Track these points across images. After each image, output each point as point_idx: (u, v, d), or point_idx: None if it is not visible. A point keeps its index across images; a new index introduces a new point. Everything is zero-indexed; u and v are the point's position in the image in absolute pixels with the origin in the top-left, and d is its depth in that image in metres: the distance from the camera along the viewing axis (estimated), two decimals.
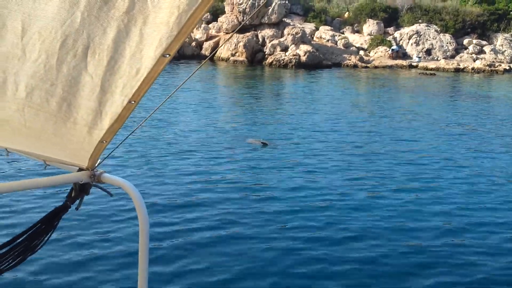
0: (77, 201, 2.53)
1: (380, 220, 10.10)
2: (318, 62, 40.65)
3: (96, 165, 2.44)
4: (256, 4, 41.63)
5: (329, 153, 15.11)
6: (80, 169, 2.46)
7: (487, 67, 42.83)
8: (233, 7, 43.46)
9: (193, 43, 43.06)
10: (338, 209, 10.60)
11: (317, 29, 47.48)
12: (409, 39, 47.03)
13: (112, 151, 2.45)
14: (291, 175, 12.77)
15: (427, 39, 46.98)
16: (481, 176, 13.43)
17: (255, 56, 41.48)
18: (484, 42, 48.05)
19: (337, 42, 45.44)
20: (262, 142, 15.68)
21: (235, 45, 41.33)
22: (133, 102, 1.91)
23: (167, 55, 1.71)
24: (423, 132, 18.73)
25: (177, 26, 1.60)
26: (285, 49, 41.49)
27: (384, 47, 45.19)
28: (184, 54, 40.68)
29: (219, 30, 44.33)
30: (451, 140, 17.60)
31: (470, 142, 17.37)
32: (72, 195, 2.51)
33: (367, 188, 12.02)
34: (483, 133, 19.09)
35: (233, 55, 41.46)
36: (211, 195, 11.09)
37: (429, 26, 48.18)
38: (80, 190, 2.49)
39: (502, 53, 47.06)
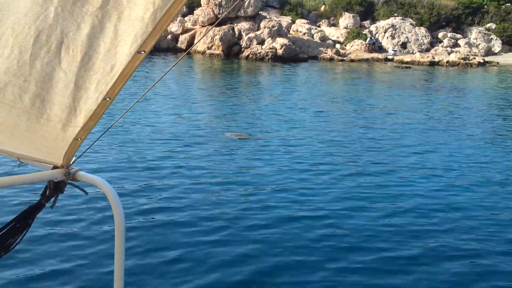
0: (52, 199, 2.50)
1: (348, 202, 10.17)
2: (295, 55, 40.73)
3: (71, 162, 2.41)
4: None
5: (308, 145, 15.15)
6: (55, 167, 2.43)
7: (461, 60, 43.29)
8: (209, 0, 43.32)
9: (169, 36, 42.85)
10: (316, 199, 10.63)
11: (293, 22, 47.57)
12: (384, 32, 47.35)
13: (87, 149, 2.42)
14: (270, 168, 12.77)
15: (402, 32, 47.33)
16: (449, 166, 13.57)
17: (232, 49, 41.43)
18: (458, 36, 48.56)
19: (313, 35, 45.57)
20: (240, 137, 15.65)
21: (211, 38, 41.21)
22: (108, 99, 1.89)
23: (142, 52, 1.69)
24: (396, 123, 18.87)
25: (152, 22, 1.58)
26: (261, 42, 41.49)
27: (360, 41, 45.43)
28: (160, 47, 40.49)
29: (195, 23, 44.18)
30: (424, 131, 17.76)
31: (443, 133, 17.54)
32: (47, 193, 2.48)
33: (346, 175, 12.09)
34: (454, 124, 19.29)
35: (209, 48, 41.35)
36: (189, 191, 11.02)
37: (405, 20, 48.55)
38: (54, 188, 2.46)
39: (476, 46, 47.61)
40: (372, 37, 46.07)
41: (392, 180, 12.33)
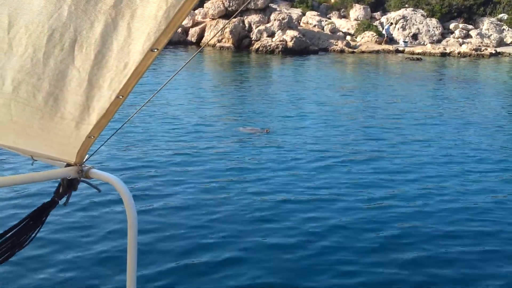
0: (65, 197, 2.50)
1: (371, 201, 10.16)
2: (305, 48, 40.62)
3: (84, 160, 2.41)
4: None
5: (323, 138, 15.14)
6: (68, 165, 2.43)
7: (473, 51, 43.03)
8: None
9: (179, 30, 42.85)
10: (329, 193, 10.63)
11: (303, 14, 47.44)
12: (395, 23, 47.08)
13: (100, 146, 2.42)
14: (286, 162, 12.73)
15: (413, 23, 47.07)
16: (464, 153, 13.52)
17: (242, 42, 41.39)
18: (470, 27, 48.24)
19: (323, 27, 45.44)
20: (252, 131, 15.59)
21: (222, 31, 41.18)
22: (121, 96, 1.89)
23: (155, 50, 1.69)
24: (409, 116, 18.79)
25: (165, 20, 1.58)
26: (271, 34, 41.41)
27: (371, 32, 45.22)
28: (170, 40, 40.17)
29: (205, 16, 44.14)
30: (436, 123, 17.69)
31: (454, 124, 17.46)
32: (60, 190, 2.48)
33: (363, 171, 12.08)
34: (466, 115, 19.20)
35: (219, 41, 41.34)
36: (202, 188, 10.98)
37: (416, 11, 48.28)
38: (67, 185, 2.46)
39: (488, 37, 47.28)
40: (387, 27, 45.87)
41: (410, 169, 12.29)
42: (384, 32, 45.23)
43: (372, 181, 11.62)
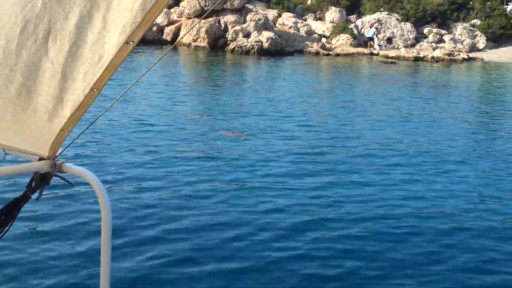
0: (38, 191, 2.48)
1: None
2: (281, 49, 40.69)
3: (57, 154, 2.39)
4: None
5: (296, 140, 15.15)
6: (41, 158, 2.41)
7: (446, 56, 43.49)
8: None
9: (154, 28, 42.59)
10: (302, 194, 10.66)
11: (279, 15, 47.50)
12: (370, 27, 47.41)
13: (74, 140, 2.40)
14: (262, 165, 12.69)
15: (388, 27, 47.46)
16: (432, 158, 13.67)
17: (217, 42, 41.30)
18: (444, 31, 48.81)
19: (299, 29, 45.56)
20: (234, 134, 15.39)
21: (197, 31, 41.06)
22: (95, 89, 1.88)
23: (131, 42, 1.67)
24: (379, 118, 18.96)
25: (141, 13, 1.57)
26: (247, 35, 41.40)
27: (346, 35, 45.47)
28: (145, 39, 40.18)
29: (180, 15, 43.96)
30: (407, 125, 17.88)
31: (426, 128, 17.66)
32: (33, 185, 2.46)
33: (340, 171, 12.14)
34: (435, 118, 19.43)
35: (194, 40, 41.20)
36: (177, 184, 10.96)
37: (391, 15, 48.68)
38: (40, 179, 2.44)
39: (461, 42, 47.88)
40: (375, 30, 46.07)
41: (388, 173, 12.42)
42: (370, 35, 45.45)
43: (350, 181, 11.70)
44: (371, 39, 45.44)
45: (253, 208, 9.87)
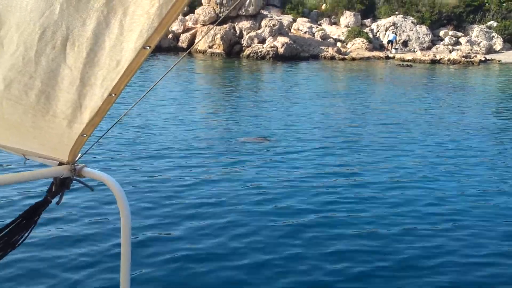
0: (58, 196, 2.50)
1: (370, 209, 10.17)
2: (296, 54, 40.72)
3: (77, 159, 2.41)
4: None
5: (316, 148, 15.10)
6: (61, 163, 2.43)
7: (463, 58, 43.24)
8: None
9: (170, 35, 42.81)
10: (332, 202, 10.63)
11: (294, 21, 47.57)
12: (386, 30, 47.30)
13: (93, 145, 2.42)
14: (283, 171, 12.63)
15: (403, 30, 47.30)
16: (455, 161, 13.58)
17: (233, 48, 41.41)
18: (460, 34, 48.54)
19: (314, 34, 45.56)
20: (256, 140, 15.30)
21: (212, 37, 41.21)
22: (113, 95, 1.89)
23: (148, 47, 1.69)
24: (401, 122, 18.87)
25: (158, 18, 1.59)
26: (262, 41, 41.48)
27: (362, 39, 45.38)
28: (161, 46, 40.42)
29: (195, 22, 44.16)
30: (429, 130, 17.78)
31: (446, 131, 17.55)
32: (53, 189, 2.49)
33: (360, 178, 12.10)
34: (455, 122, 19.30)
35: (210, 47, 41.35)
36: (196, 189, 10.94)
37: (406, 18, 48.52)
38: (60, 184, 2.46)
39: (478, 44, 47.58)
40: (392, 35, 46.03)
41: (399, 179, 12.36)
42: (390, 39, 45.39)
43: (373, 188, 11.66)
44: (391, 42, 45.28)
45: (278, 211, 9.86)
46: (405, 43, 46.54)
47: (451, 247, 8.67)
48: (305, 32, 45.70)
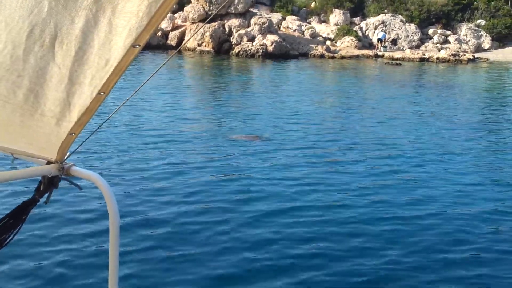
0: (46, 195, 2.49)
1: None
2: (285, 52, 40.73)
3: (65, 158, 2.39)
4: None
5: (307, 146, 15.12)
6: (49, 162, 2.42)
7: (451, 57, 43.42)
8: None
9: (159, 33, 42.68)
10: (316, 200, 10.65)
11: (283, 19, 47.57)
12: (375, 29, 47.43)
13: (81, 144, 2.41)
14: (270, 169, 12.64)
15: (392, 29, 47.42)
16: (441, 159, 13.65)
17: (222, 46, 41.37)
18: (448, 32, 48.76)
19: (303, 32, 45.60)
20: (248, 138, 15.27)
21: (202, 35, 41.14)
22: (102, 93, 1.88)
23: (137, 46, 1.68)
24: (389, 121, 18.93)
25: (147, 16, 1.58)
26: (252, 39, 41.46)
27: (351, 37, 45.47)
28: (150, 44, 40.24)
29: (185, 20, 44.07)
30: (417, 127, 17.85)
31: (436, 129, 17.63)
32: (41, 188, 2.47)
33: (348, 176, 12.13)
34: (443, 119, 19.39)
35: (199, 45, 41.29)
36: (184, 187, 10.93)
37: (395, 16, 48.66)
38: (48, 183, 2.45)
39: (466, 42, 47.81)
40: (382, 33, 46.10)
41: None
42: (378, 37, 45.49)
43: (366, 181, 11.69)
44: (380, 40, 45.38)
45: (273, 209, 9.86)
46: (394, 42, 46.67)
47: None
48: (295, 30, 45.72)
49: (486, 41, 48.68)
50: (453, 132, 17.53)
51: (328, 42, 44.97)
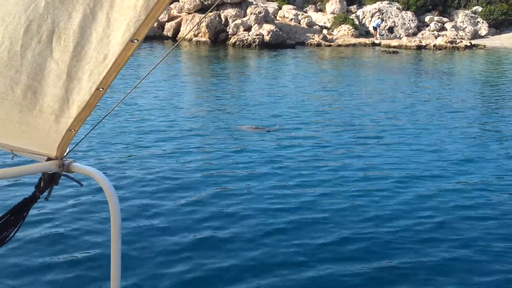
0: (46, 191, 2.48)
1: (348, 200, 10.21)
2: (282, 42, 40.61)
3: (65, 154, 2.38)
4: None
5: (306, 136, 15.10)
6: (49, 159, 2.41)
7: (448, 44, 43.34)
8: None
9: (155, 24, 42.34)
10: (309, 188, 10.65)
11: (280, 8, 47.42)
12: (371, 17, 47.30)
13: (81, 140, 2.39)
14: (286, 160, 12.61)
15: (389, 16, 47.30)
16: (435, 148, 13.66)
17: (218, 36, 41.24)
18: (445, 19, 48.65)
19: (300, 21, 45.46)
20: (256, 129, 15.19)
21: (198, 25, 40.99)
22: (101, 89, 1.87)
23: (135, 40, 1.67)
24: (386, 107, 18.93)
25: (145, 10, 1.56)
26: (248, 28, 41.33)
27: (347, 25, 45.36)
28: (146, 35, 40.01)
29: (180, 11, 43.89)
30: (414, 115, 17.85)
31: (428, 113, 17.63)
32: (41, 185, 2.46)
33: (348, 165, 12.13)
34: (440, 104, 19.39)
35: (195, 35, 41.15)
36: (185, 182, 10.80)
37: (391, 4, 48.51)
38: (49, 180, 2.44)
39: (463, 29, 47.73)
40: (377, 21, 46.00)
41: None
42: (374, 26, 45.42)
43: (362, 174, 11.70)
44: (375, 28, 45.32)
45: (282, 200, 9.86)
46: (390, 29, 46.55)
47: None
48: (291, 19, 45.59)
49: (483, 28, 48.59)
50: (450, 120, 17.53)
51: (324, 31, 44.85)
